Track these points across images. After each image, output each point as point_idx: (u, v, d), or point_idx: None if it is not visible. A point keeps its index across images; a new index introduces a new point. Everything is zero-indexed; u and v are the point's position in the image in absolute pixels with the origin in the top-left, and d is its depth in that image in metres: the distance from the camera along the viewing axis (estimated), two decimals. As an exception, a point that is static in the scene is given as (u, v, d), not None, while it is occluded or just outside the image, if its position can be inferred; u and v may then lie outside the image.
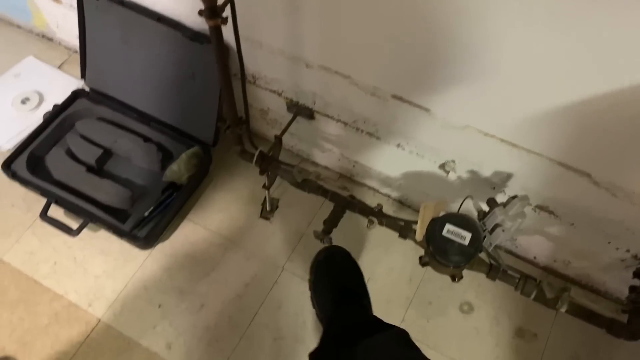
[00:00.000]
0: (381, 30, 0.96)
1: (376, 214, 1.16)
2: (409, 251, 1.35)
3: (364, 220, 1.15)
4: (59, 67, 1.71)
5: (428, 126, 1.11)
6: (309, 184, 1.20)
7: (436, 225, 1.03)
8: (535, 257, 1.34)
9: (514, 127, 1.00)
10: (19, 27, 1.81)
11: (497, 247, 1.09)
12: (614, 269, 1.20)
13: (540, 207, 1.16)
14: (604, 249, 1.16)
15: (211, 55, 1.00)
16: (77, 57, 1.52)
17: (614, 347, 1.24)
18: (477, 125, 1.04)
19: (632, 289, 1.09)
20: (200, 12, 0.92)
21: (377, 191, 1.46)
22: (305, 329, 1.26)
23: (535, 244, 1.29)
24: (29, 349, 1.23)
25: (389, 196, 1.46)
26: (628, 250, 1.13)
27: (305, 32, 1.07)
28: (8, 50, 1.74)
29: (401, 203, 1.45)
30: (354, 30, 1.00)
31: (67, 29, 1.65)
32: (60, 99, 1.51)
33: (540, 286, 1.06)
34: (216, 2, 0.91)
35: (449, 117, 1.06)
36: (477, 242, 1.01)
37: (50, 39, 1.77)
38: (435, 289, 1.32)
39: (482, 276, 1.08)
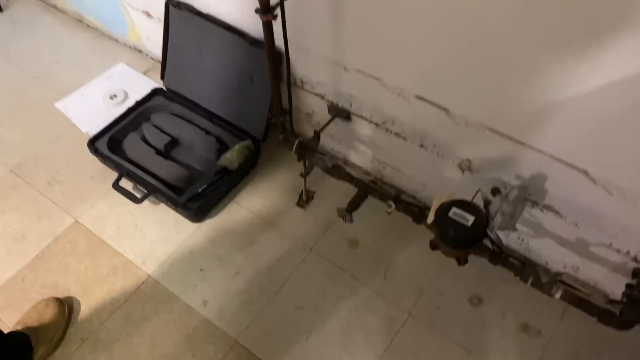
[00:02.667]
0: (405, 37, 1.14)
1: (394, 199, 1.30)
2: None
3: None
4: (144, 73, 2.00)
5: (446, 125, 1.26)
6: (338, 170, 1.37)
7: (444, 208, 1.17)
8: (547, 262, 1.42)
9: (520, 125, 1.13)
10: (116, 40, 2.14)
11: (508, 247, 1.20)
12: (619, 272, 1.26)
13: (547, 207, 1.26)
14: (606, 251, 1.24)
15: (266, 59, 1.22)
16: (160, 66, 1.80)
17: (615, 347, 1.28)
18: (489, 123, 1.18)
19: (628, 285, 1.16)
20: (256, 10, 1.15)
21: (404, 192, 1.60)
22: (325, 301, 1.40)
23: (545, 248, 1.38)
24: (89, 293, 1.44)
25: (414, 197, 1.59)
26: (628, 252, 1.20)
27: (345, 39, 1.27)
28: (105, 58, 2.07)
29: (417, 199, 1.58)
30: (383, 38, 1.19)
31: (154, 42, 1.95)
32: (141, 96, 1.79)
33: (536, 272, 1.16)
34: (269, 2, 1.13)
35: (464, 116, 1.21)
36: (479, 225, 1.14)
37: (140, 51, 2.08)
38: (447, 282, 1.43)
39: (494, 273, 1.19)
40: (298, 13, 1.26)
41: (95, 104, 1.88)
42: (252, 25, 1.49)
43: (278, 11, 1.16)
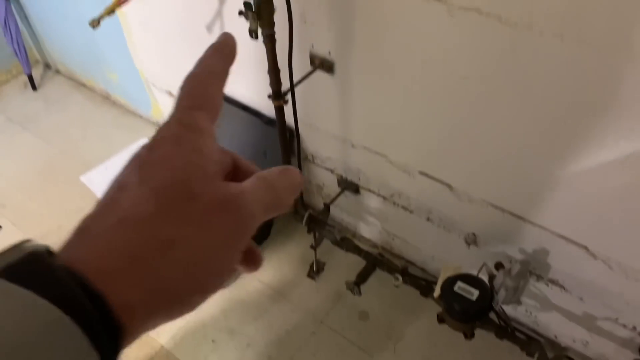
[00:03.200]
0: (408, 119, 1.22)
1: (401, 272, 1.34)
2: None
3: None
4: (165, 148, 2.11)
5: (450, 200, 1.31)
6: (346, 243, 1.41)
7: (449, 282, 1.20)
8: (556, 337, 1.42)
9: (521, 201, 1.18)
10: (140, 116, 2.27)
11: (517, 320, 1.21)
12: (627, 347, 1.26)
13: (551, 281, 1.28)
14: (613, 326, 1.24)
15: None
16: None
17: None
18: (490, 199, 1.23)
19: (636, 361, 1.16)
20: (269, 96, 1.24)
21: (413, 264, 1.63)
22: (335, 376, 1.41)
23: (554, 322, 1.39)
24: (103, 364, 1.47)
25: (423, 269, 1.62)
26: (634, 328, 1.21)
27: (351, 118, 1.36)
28: (130, 133, 2.19)
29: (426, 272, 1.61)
30: (387, 118, 1.27)
31: (176, 118, 2.06)
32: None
33: (542, 347, 1.17)
34: (280, 88, 1.22)
35: (467, 192, 1.26)
36: (483, 299, 1.16)
37: (162, 126, 2.20)
38: (456, 355, 1.43)
39: (501, 346, 1.21)
40: (308, 96, 1.36)
41: (118, 177, 1.98)
42: (267, 106, 1.59)
43: (289, 96, 1.25)
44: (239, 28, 1.45)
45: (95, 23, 1.09)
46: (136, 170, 0.26)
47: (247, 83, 1.59)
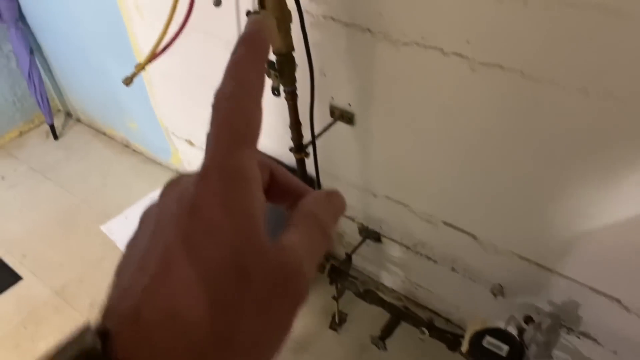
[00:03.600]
0: (430, 169, 1.21)
1: (427, 327, 1.30)
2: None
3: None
4: (184, 195, 2.12)
5: (475, 250, 1.29)
6: (370, 295, 1.39)
7: (477, 336, 1.17)
8: (590, 391, 1.37)
9: (548, 253, 1.15)
10: (160, 164, 2.29)
11: None
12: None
13: (583, 334, 1.24)
14: (651, 381, 1.19)
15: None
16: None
17: None
18: (517, 250, 1.21)
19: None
20: (291, 149, 1.25)
21: (437, 314, 1.60)
22: None
23: (587, 376, 1.34)
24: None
25: (448, 320, 1.58)
26: (673, 384, 1.16)
27: (372, 168, 1.35)
28: (149, 180, 2.21)
29: (451, 322, 1.57)
30: (409, 168, 1.26)
31: (195, 166, 2.08)
32: (181, 219, 1.89)
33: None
34: (302, 141, 1.23)
35: (492, 242, 1.24)
36: (514, 355, 1.13)
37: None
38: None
39: None
40: (328, 147, 1.36)
41: (138, 226, 1.98)
42: (286, 154, 1.59)
43: (310, 148, 1.25)
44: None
45: (128, 81, 1.11)
46: (180, 243, 0.23)
47: (266, 129, 1.60)
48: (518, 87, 0.94)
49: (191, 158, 2.07)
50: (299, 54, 1.08)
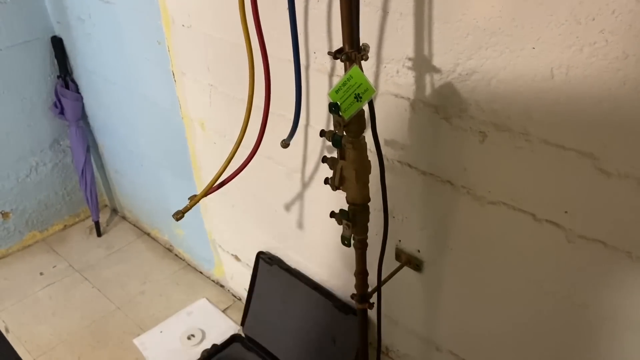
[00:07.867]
0: (505, 329, 1.09)
1: None
2: None
3: None
4: (224, 311, 2.02)
5: None
6: None
7: None
8: None
9: None
10: (201, 272, 2.21)
11: None
12: None
13: None
14: None
15: (353, 326, 1.20)
16: (240, 304, 1.82)
17: None
18: None
19: None
20: (352, 296, 1.15)
21: None
22: None
23: None
24: None
25: None
26: None
27: (439, 320, 1.24)
28: (188, 291, 2.12)
29: None
30: (481, 325, 1.14)
31: (238, 281, 1.99)
32: (219, 339, 1.78)
33: None
34: (367, 291, 1.13)
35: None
36: None
37: (222, 286, 2.13)
38: None
39: None
40: (389, 290, 1.26)
41: (173, 344, 1.87)
42: (339, 287, 1.49)
43: (374, 297, 1.15)
44: (318, 211, 1.42)
45: (179, 216, 1.05)
46: None
47: (320, 260, 1.52)
48: (623, 266, 0.84)
49: (235, 272, 1.98)
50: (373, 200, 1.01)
